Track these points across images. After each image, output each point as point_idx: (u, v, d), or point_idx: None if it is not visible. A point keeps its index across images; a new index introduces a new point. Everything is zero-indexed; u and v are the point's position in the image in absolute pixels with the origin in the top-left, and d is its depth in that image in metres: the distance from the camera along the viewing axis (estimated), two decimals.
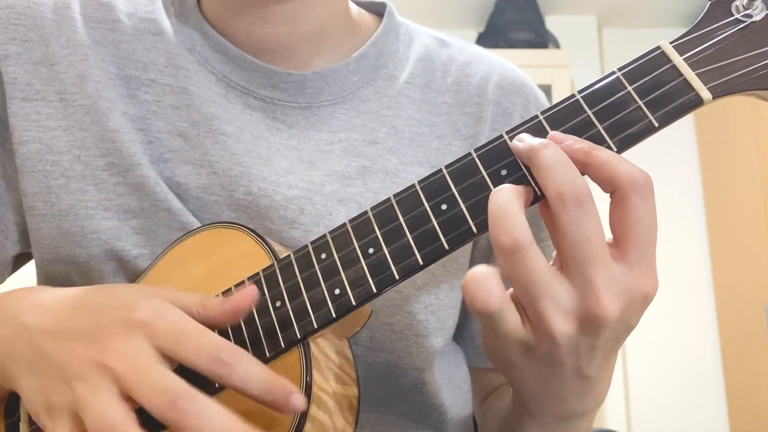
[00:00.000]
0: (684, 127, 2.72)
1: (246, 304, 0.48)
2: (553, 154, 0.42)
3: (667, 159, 2.70)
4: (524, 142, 0.45)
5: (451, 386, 0.70)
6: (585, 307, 0.42)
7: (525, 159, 0.44)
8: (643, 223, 0.42)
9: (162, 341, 0.44)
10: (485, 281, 0.42)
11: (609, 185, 0.43)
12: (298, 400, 0.44)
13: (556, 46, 2.65)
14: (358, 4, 0.75)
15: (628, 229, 0.43)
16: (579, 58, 2.66)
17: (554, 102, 0.47)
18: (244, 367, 0.44)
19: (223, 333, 0.50)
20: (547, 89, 2.37)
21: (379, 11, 0.75)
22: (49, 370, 0.46)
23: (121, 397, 0.43)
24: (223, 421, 0.41)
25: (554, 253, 0.45)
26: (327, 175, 0.63)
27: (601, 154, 0.43)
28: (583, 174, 0.43)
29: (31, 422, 0.55)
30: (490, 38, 2.60)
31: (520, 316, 0.44)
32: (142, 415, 0.43)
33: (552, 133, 0.45)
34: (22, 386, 0.48)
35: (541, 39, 2.58)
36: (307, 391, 0.47)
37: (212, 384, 0.48)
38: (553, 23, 2.72)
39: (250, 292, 0.48)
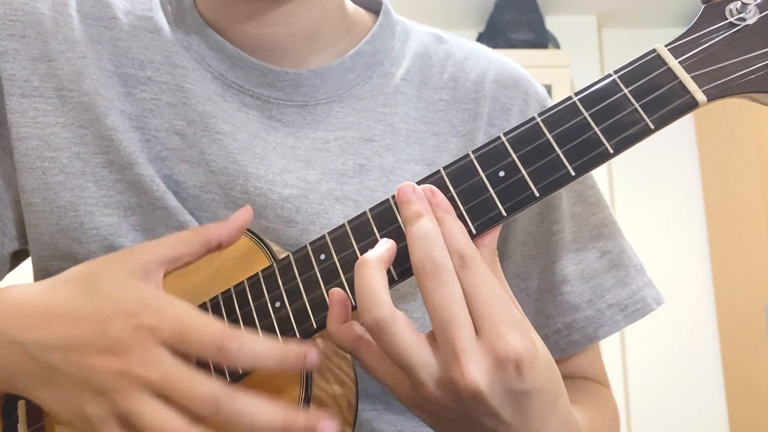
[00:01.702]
0: (684, 127, 2.72)
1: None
2: (417, 228, 0.45)
3: (667, 159, 2.70)
4: (401, 208, 0.47)
5: None
6: (452, 376, 0.43)
7: (403, 221, 0.47)
8: (477, 293, 0.44)
9: (168, 340, 0.45)
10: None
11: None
12: (313, 355, 0.45)
13: (556, 46, 2.65)
14: (354, 2, 0.75)
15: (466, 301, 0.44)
16: (579, 58, 2.65)
17: (554, 102, 0.48)
18: (249, 347, 0.44)
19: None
20: (546, 89, 2.35)
21: (375, 8, 0.75)
22: (70, 383, 0.46)
23: (162, 402, 0.44)
24: (266, 411, 0.43)
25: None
26: (323, 174, 0.63)
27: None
28: None
29: (30, 423, 0.55)
30: (490, 38, 2.60)
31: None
32: None
33: (402, 184, 0.48)
34: (41, 398, 0.48)
35: (541, 39, 2.58)
36: (307, 390, 0.47)
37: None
38: (553, 23, 2.72)
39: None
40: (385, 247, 0.47)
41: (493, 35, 2.60)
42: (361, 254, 0.48)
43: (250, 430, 0.43)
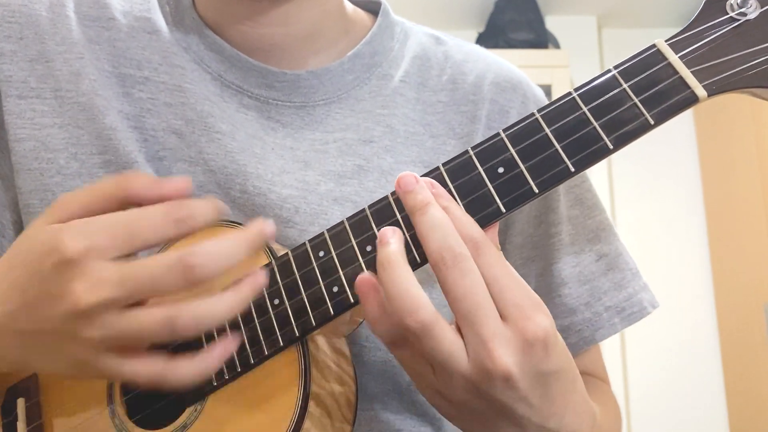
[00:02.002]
0: (684, 126, 2.72)
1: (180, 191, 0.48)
2: (428, 218, 0.45)
3: (667, 158, 2.70)
4: (405, 198, 0.46)
5: None
6: (483, 363, 0.43)
7: (409, 216, 0.46)
8: (495, 279, 0.44)
9: (115, 249, 0.43)
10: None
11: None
12: (269, 226, 0.46)
13: (556, 46, 2.65)
14: (354, 3, 0.75)
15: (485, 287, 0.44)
16: (579, 58, 2.65)
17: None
18: (202, 211, 0.44)
19: (221, 331, 0.51)
20: (546, 89, 2.37)
21: (374, 10, 0.74)
22: (45, 341, 0.46)
23: (138, 308, 0.43)
24: (230, 245, 0.44)
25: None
26: (322, 175, 0.63)
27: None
28: None
29: (29, 420, 0.55)
30: (490, 38, 2.60)
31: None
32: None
33: (402, 174, 0.47)
34: (36, 365, 0.49)
35: (541, 39, 2.58)
36: (306, 388, 0.47)
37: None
38: (552, 23, 2.72)
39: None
40: (399, 239, 0.46)
41: (493, 35, 2.60)
42: (359, 250, 0.48)
43: (228, 264, 0.43)
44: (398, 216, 0.48)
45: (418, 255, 0.47)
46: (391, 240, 0.46)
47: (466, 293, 0.43)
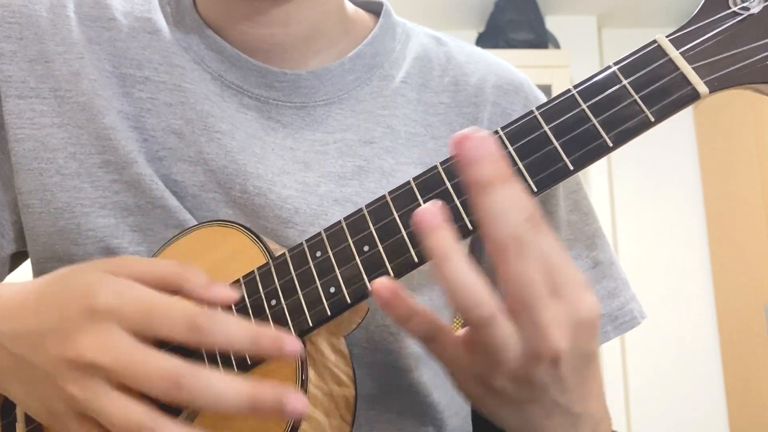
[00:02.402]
0: (684, 126, 2.72)
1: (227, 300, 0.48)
2: (493, 202, 0.40)
3: (667, 159, 2.70)
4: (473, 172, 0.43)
5: (449, 386, 0.69)
6: (536, 346, 0.42)
7: (470, 189, 0.42)
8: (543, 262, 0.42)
9: (133, 324, 0.43)
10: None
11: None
12: (292, 344, 0.43)
13: (556, 46, 2.65)
14: (355, 3, 0.74)
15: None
16: (579, 58, 2.65)
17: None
18: (222, 326, 0.43)
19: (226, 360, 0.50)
20: (546, 89, 2.37)
21: (375, 10, 0.74)
22: (34, 375, 0.45)
23: (120, 392, 0.42)
24: (233, 386, 0.42)
25: None
26: (322, 176, 0.63)
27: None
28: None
29: (28, 422, 0.55)
30: (490, 38, 2.60)
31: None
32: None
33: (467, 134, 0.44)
34: (14, 395, 0.48)
35: (541, 39, 2.58)
36: (303, 389, 0.47)
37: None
38: (553, 23, 2.72)
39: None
40: (445, 221, 0.42)
41: (493, 35, 2.60)
42: (356, 250, 0.48)
43: (216, 405, 0.42)
44: (395, 215, 0.47)
45: (470, 222, 0.46)
46: (441, 225, 0.41)
47: (533, 280, 0.41)
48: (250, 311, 0.50)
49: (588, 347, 0.44)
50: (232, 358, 0.50)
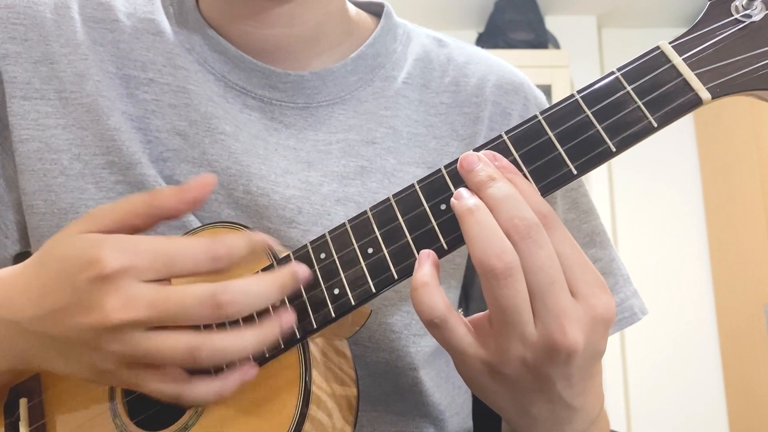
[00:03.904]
0: (684, 127, 2.72)
1: (203, 193, 0.48)
2: (496, 190, 0.44)
3: (667, 159, 2.70)
4: (470, 175, 0.46)
5: (450, 386, 0.70)
6: (550, 337, 0.42)
7: (475, 188, 0.45)
8: (566, 256, 0.44)
9: (151, 272, 0.44)
10: (433, 289, 0.44)
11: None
12: (303, 270, 0.47)
13: (556, 46, 2.65)
14: (356, 5, 0.75)
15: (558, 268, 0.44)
16: (579, 58, 2.65)
17: (554, 102, 0.47)
18: (238, 249, 0.45)
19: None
20: (546, 89, 2.37)
21: (377, 12, 0.75)
22: (69, 346, 0.46)
23: (158, 330, 0.44)
24: (263, 287, 0.45)
25: None
26: (325, 176, 0.63)
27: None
28: None
29: (31, 421, 0.55)
30: (490, 38, 2.60)
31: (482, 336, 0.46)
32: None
33: (466, 153, 0.46)
34: (59, 367, 0.48)
35: (541, 39, 2.58)
36: (306, 391, 0.47)
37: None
38: (552, 23, 2.72)
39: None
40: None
41: (493, 35, 2.60)
42: (361, 253, 0.48)
43: (256, 306, 0.44)
44: (400, 219, 0.48)
45: (446, 243, 0.46)
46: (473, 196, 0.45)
47: (542, 265, 0.42)
48: (254, 313, 0.50)
49: (599, 346, 0.45)
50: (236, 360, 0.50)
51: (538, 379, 0.45)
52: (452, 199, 0.45)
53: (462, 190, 0.45)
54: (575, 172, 0.45)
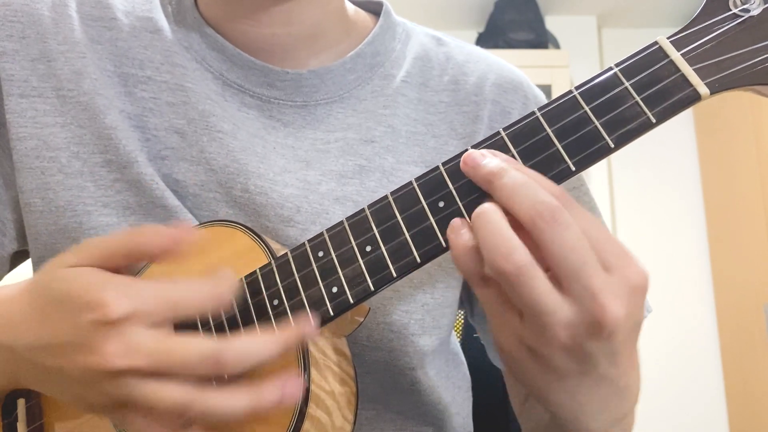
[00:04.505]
0: (684, 126, 2.72)
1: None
2: (510, 179, 0.43)
3: (667, 159, 2.70)
4: (478, 170, 0.45)
5: (450, 385, 0.69)
6: (590, 316, 0.41)
7: (484, 182, 0.45)
8: (592, 233, 0.43)
9: (155, 318, 0.44)
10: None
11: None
12: (309, 326, 0.46)
13: (556, 46, 2.65)
14: (355, 3, 0.75)
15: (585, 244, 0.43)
16: (579, 58, 2.65)
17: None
18: (233, 288, 0.46)
19: (219, 331, 0.50)
20: (546, 89, 2.37)
21: (375, 10, 0.75)
22: (64, 379, 0.46)
23: (155, 379, 0.43)
24: (265, 345, 0.44)
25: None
26: (323, 174, 0.63)
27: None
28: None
29: (29, 421, 0.55)
30: (490, 38, 2.60)
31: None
32: None
33: (469, 151, 0.46)
34: (49, 392, 0.49)
35: (541, 39, 2.58)
36: (305, 389, 0.47)
37: None
38: (553, 23, 2.72)
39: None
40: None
41: (493, 35, 2.60)
42: (359, 251, 0.48)
43: (257, 363, 0.44)
44: (398, 217, 0.47)
45: (444, 241, 0.46)
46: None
47: (574, 246, 0.41)
48: (253, 311, 0.50)
49: (639, 316, 0.44)
50: None
51: (582, 361, 0.44)
52: (448, 233, 0.45)
53: (454, 222, 0.45)
54: (573, 168, 0.45)
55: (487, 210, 0.43)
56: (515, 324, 0.44)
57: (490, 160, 0.44)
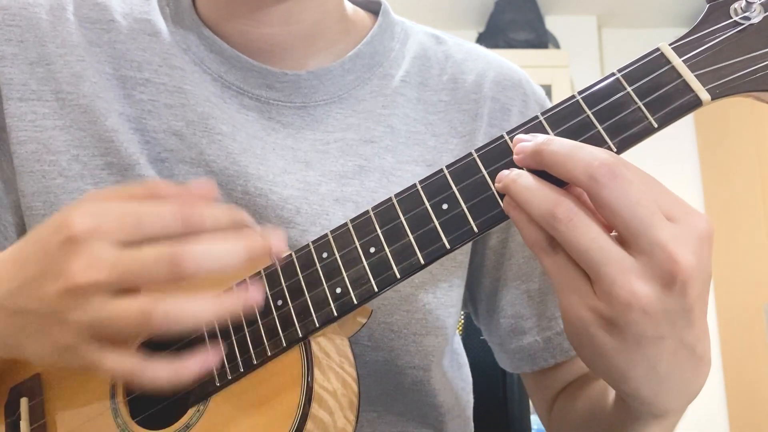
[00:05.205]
0: (684, 127, 2.72)
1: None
2: (560, 144, 0.42)
3: (667, 159, 2.70)
4: (525, 146, 0.44)
5: (452, 386, 0.70)
6: (662, 268, 0.40)
7: (533, 157, 0.43)
8: (645, 192, 0.41)
9: (119, 233, 0.43)
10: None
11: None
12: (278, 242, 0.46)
13: (556, 46, 2.65)
14: (354, 3, 0.75)
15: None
16: (579, 58, 2.66)
17: (554, 101, 0.48)
18: (212, 215, 0.44)
19: (223, 331, 0.51)
20: (547, 89, 2.37)
21: (374, 10, 0.74)
22: (39, 322, 0.45)
23: (127, 295, 0.43)
24: (226, 246, 0.43)
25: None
26: (323, 175, 0.63)
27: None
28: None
29: (32, 420, 0.55)
30: (490, 38, 2.60)
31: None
32: None
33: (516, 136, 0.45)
34: (30, 352, 0.48)
35: (541, 39, 2.59)
36: (308, 389, 0.47)
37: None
38: (553, 23, 2.72)
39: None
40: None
41: (493, 35, 2.60)
42: (363, 252, 0.48)
43: (219, 266, 0.43)
44: (402, 218, 0.48)
45: (447, 242, 0.46)
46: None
47: (639, 200, 0.40)
48: (257, 311, 0.51)
49: (709, 266, 0.42)
50: (238, 358, 0.50)
51: (658, 322, 0.41)
52: (509, 210, 0.44)
53: (501, 173, 0.44)
54: None
55: (521, 174, 0.43)
56: (586, 292, 0.42)
57: (530, 139, 0.44)
